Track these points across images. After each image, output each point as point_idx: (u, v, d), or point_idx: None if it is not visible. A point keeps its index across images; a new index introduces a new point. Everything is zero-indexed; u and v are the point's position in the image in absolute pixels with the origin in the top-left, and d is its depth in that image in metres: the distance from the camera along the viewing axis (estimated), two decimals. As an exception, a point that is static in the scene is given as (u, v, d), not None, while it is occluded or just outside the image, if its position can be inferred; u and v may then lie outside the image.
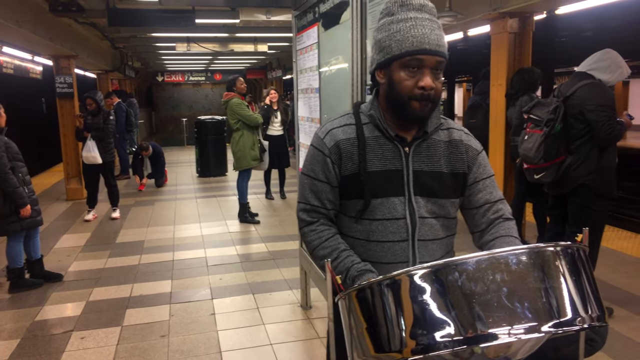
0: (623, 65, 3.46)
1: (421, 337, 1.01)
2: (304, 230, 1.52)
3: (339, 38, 2.87)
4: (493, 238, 1.44)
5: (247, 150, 6.38)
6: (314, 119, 3.45)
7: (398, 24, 1.35)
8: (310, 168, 1.50)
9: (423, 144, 1.46)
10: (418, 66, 1.34)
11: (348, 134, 1.46)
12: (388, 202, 1.42)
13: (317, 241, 1.47)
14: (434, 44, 1.33)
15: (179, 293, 4.29)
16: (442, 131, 1.50)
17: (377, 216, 1.43)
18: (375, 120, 1.46)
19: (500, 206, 1.49)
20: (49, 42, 7.00)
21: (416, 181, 1.43)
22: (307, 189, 1.50)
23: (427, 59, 1.33)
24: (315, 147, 1.50)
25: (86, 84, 12.64)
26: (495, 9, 4.98)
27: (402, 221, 1.42)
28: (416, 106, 1.36)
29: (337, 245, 1.45)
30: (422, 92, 1.34)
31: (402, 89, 1.36)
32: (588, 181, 3.43)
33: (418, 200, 1.43)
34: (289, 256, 5.10)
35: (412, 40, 1.32)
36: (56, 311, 4.00)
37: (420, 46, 1.32)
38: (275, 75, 16.67)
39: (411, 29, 1.33)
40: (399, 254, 1.44)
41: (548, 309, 1.00)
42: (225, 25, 8.58)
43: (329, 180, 1.47)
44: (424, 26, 1.33)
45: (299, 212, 1.52)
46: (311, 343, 3.39)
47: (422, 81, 1.33)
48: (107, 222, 6.76)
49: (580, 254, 1.09)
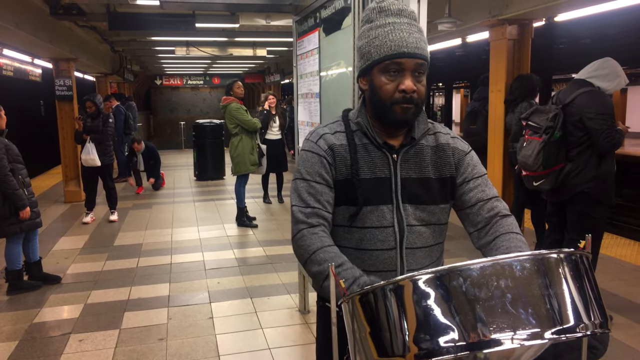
0: (622, 74, 3.48)
1: (424, 342, 1.01)
2: (303, 232, 1.39)
3: (340, 43, 2.89)
4: (494, 238, 1.41)
5: (246, 155, 6.37)
6: (314, 123, 3.46)
7: (377, 30, 1.36)
8: (305, 171, 1.45)
9: (410, 150, 1.45)
10: (398, 70, 1.34)
11: (340, 140, 1.46)
12: (377, 210, 1.42)
13: (318, 244, 1.37)
14: (412, 46, 1.33)
15: (177, 296, 4.28)
16: (429, 136, 1.49)
17: (366, 224, 1.42)
18: (363, 128, 1.45)
19: (495, 203, 1.46)
20: (49, 45, 7.00)
21: (404, 189, 1.42)
22: (305, 192, 1.43)
23: (406, 62, 1.33)
24: (308, 151, 1.47)
25: (85, 87, 12.63)
26: (495, 15, 5.01)
27: (390, 229, 1.42)
28: (398, 110, 1.36)
29: (340, 254, 1.38)
30: (403, 95, 1.34)
31: (384, 93, 1.36)
32: (587, 188, 3.44)
33: (406, 208, 1.42)
34: (287, 260, 5.10)
35: (390, 45, 1.33)
36: (54, 313, 3.99)
37: (399, 50, 1.32)
38: (273, 80, 16.70)
39: (389, 34, 1.34)
40: (388, 262, 1.43)
41: (551, 316, 1.00)
42: (224, 29, 8.59)
43: (327, 181, 1.44)
44: (402, 30, 1.34)
45: (298, 214, 1.43)
46: (309, 348, 3.38)
47: (402, 84, 1.34)
48: (105, 225, 6.75)
49: (583, 261, 1.09)
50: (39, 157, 11.16)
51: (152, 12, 7.29)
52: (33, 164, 10.58)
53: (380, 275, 1.40)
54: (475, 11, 5.34)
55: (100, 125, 6.53)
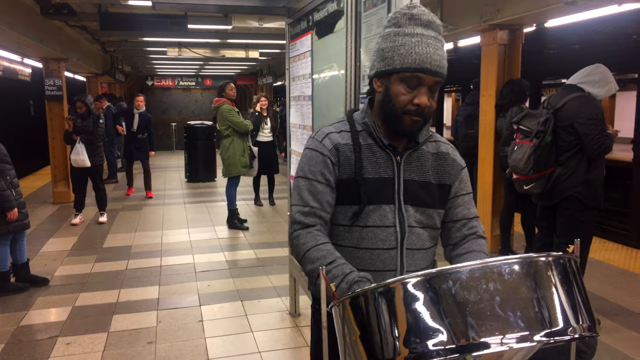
0: (612, 81, 3.52)
1: (414, 345, 1.01)
2: (299, 232, 1.44)
3: (332, 46, 2.89)
4: (465, 252, 1.48)
5: (237, 157, 6.34)
6: (306, 126, 3.46)
7: (404, 38, 1.36)
8: (308, 170, 1.47)
9: (413, 154, 1.48)
10: (417, 83, 1.35)
11: (345, 139, 1.48)
12: (380, 210, 1.44)
13: (312, 242, 1.41)
14: (436, 64, 1.34)
15: (167, 299, 4.25)
16: (430, 143, 1.52)
17: (368, 223, 1.44)
18: (369, 129, 1.47)
19: (475, 223, 1.53)
20: (40, 45, 6.95)
21: (406, 190, 1.45)
22: (305, 191, 1.46)
23: (426, 78, 1.35)
24: (313, 149, 1.49)
25: (75, 87, 12.53)
26: (486, 20, 5.05)
27: (392, 229, 1.44)
28: (408, 121, 1.38)
29: (333, 251, 1.41)
30: (416, 109, 1.36)
31: (398, 102, 1.38)
32: (576, 193, 3.47)
33: (408, 209, 1.45)
34: (278, 263, 5.08)
35: (415, 57, 1.33)
36: (42, 316, 3.94)
37: (422, 65, 1.33)
38: (265, 82, 16.68)
39: (416, 46, 1.34)
40: (388, 261, 1.45)
41: (540, 319, 1.01)
42: (217, 31, 8.58)
43: (328, 181, 1.46)
44: (428, 44, 1.34)
45: (295, 214, 1.46)
46: (300, 351, 3.37)
47: (418, 99, 1.35)
48: (95, 227, 6.70)
49: (571, 265, 1.10)
50: (28, 158, 11.06)
51: (144, 12, 7.26)
52: (21, 165, 10.51)
53: (380, 275, 1.42)
54: (467, 16, 5.38)
55: (90, 126, 6.49)
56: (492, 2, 4.98)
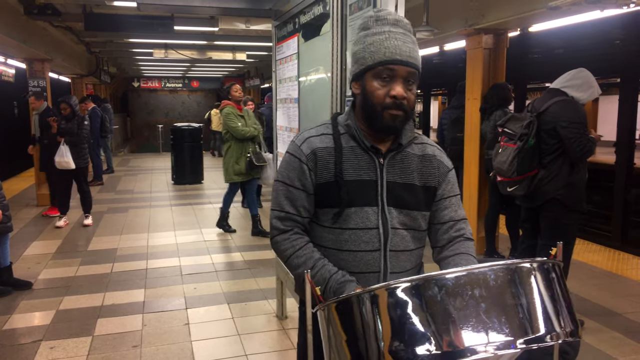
0: (595, 85, 3.57)
1: (400, 351, 1.02)
2: (277, 239, 1.50)
3: (319, 49, 2.89)
4: (453, 254, 1.49)
5: (231, 163, 6.11)
6: (292, 128, 3.46)
7: (373, 37, 1.40)
8: (286, 175, 1.50)
9: (397, 156, 1.49)
10: (390, 76, 1.38)
11: (325, 143, 1.48)
12: (362, 212, 1.44)
13: (290, 250, 1.46)
14: (406, 55, 1.37)
15: (152, 302, 4.22)
16: (415, 145, 1.53)
17: (350, 225, 1.45)
18: (352, 131, 1.48)
19: (462, 225, 1.54)
20: (23, 45, 6.86)
21: (389, 192, 1.46)
22: (282, 196, 1.50)
23: (398, 69, 1.37)
24: (291, 154, 1.51)
25: (60, 88, 12.39)
26: (471, 25, 5.10)
27: (375, 231, 1.45)
28: (388, 116, 1.39)
29: (311, 254, 1.45)
30: (394, 101, 1.38)
31: (375, 98, 1.39)
32: (559, 195, 3.51)
33: (391, 210, 1.46)
34: (265, 265, 5.07)
35: (384, 51, 1.37)
36: (25, 320, 3.89)
37: (392, 57, 1.36)
38: (252, 84, 16.65)
39: (384, 41, 1.38)
40: (371, 263, 1.46)
41: (524, 325, 1.02)
42: (204, 32, 8.54)
43: (305, 187, 1.47)
44: (396, 38, 1.38)
45: (273, 219, 1.51)
46: (287, 354, 3.37)
47: (393, 90, 1.37)
48: (79, 229, 6.62)
49: (555, 269, 1.12)
50: (11, 160, 10.90)
51: (130, 13, 7.22)
52: (5, 167, 10.35)
53: (363, 277, 1.44)
54: (452, 20, 5.43)
55: (75, 128, 6.42)
56: (477, 6, 5.03)
